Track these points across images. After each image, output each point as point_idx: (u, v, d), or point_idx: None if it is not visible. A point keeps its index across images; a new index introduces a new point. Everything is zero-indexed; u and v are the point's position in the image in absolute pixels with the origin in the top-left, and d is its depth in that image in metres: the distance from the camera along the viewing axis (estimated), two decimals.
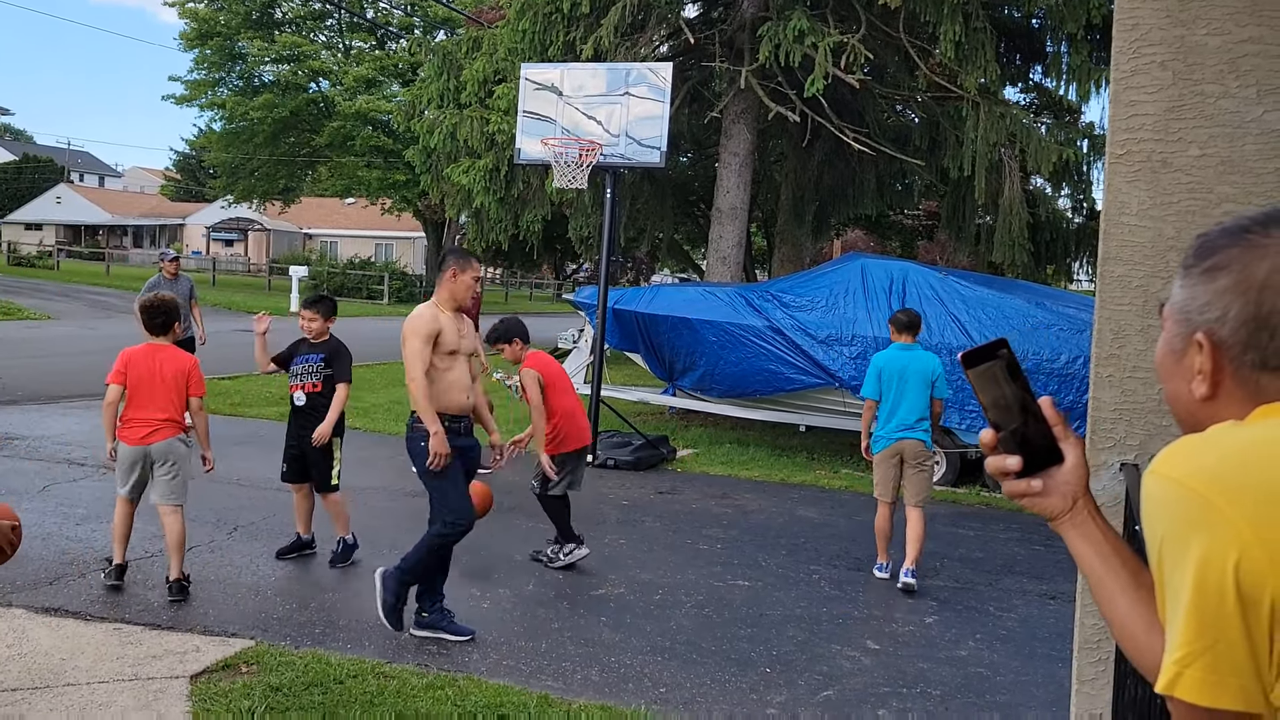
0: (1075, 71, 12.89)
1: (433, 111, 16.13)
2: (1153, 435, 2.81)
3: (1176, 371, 1.21)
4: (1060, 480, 1.28)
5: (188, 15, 38.79)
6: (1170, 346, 1.22)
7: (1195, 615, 0.98)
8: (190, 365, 5.67)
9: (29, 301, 25.73)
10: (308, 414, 6.25)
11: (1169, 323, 1.23)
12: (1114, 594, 1.22)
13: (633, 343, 11.96)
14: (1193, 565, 0.99)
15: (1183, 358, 1.19)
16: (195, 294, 11.09)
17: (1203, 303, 1.16)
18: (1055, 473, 1.28)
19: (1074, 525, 1.27)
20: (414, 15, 39.29)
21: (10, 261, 42.03)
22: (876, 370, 6.61)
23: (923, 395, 6.51)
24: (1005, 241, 12.98)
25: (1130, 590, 1.22)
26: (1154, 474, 1.08)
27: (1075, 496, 1.27)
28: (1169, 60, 2.64)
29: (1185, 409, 1.21)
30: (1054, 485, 1.28)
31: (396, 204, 40.90)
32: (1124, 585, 1.22)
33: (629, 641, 5.29)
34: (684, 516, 8.20)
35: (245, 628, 5.16)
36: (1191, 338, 1.17)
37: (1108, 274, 2.82)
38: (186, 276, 11.26)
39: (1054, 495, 1.28)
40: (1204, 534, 0.99)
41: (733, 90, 13.34)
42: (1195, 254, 1.19)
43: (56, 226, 63.14)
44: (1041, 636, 5.76)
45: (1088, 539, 1.26)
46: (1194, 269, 1.18)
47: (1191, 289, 1.18)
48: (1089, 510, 1.27)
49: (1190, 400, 1.19)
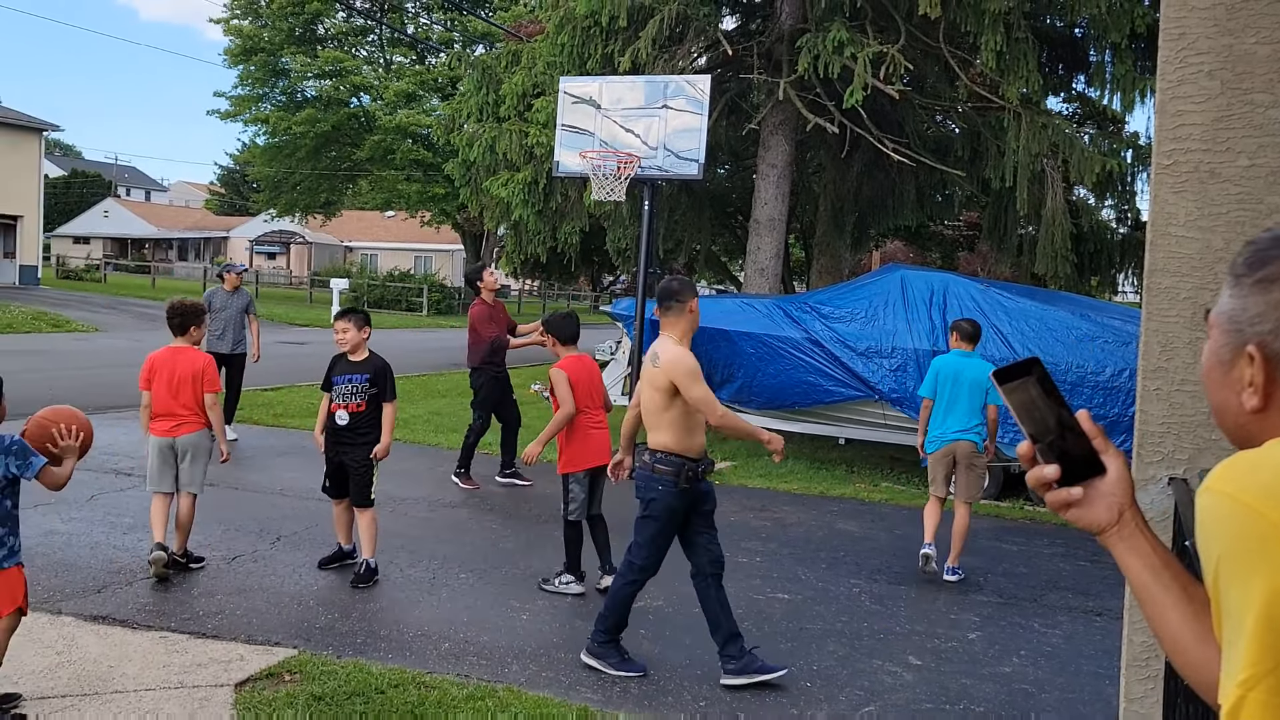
0: (1119, 81, 12.76)
1: (472, 125, 16.25)
2: (1202, 449, 2.77)
3: (1224, 382, 1.19)
4: (1104, 492, 1.26)
5: (233, 32, 39.46)
6: (1218, 357, 1.20)
7: (1259, 636, 0.96)
8: (203, 365, 6.18)
9: (77, 314, 26.17)
10: (349, 433, 6.21)
11: (1216, 331, 1.20)
12: (1165, 609, 1.20)
13: None
14: (1255, 585, 0.97)
15: (1231, 369, 1.17)
16: (253, 308, 10.92)
17: (1255, 314, 1.14)
18: (1098, 484, 1.26)
19: (1122, 538, 1.25)
20: (453, 30, 39.68)
21: (59, 275, 42.79)
22: (935, 372, 7.06)
23: (976, 400, 6.91)
24: (1048, 253, 12.85)
25: (1181, 605, 1.19)
26: (1210, 490, 1.06)
27: (1121, 509, 1.25)
28: (1217, 69, 2.61)
29: (1234, 420, 1.19)
30: (1098, 497, 1.26)
31: (436, 217, 41.29)
32: (1175, 600, 1.20)
33: (668, 654, 5.28)
34: (722, 529, 8.09)
35: (288, 637, 5.20)
36: (1242, 349, 1.15)
37: (1155, 285, 2.78)
38: (245, 291, 11.21)
39: (1098, 507, 1.26)
40: (1265, 552, 0.97)
41: (771, 102, 13.33)
42: (1247, 263, 1.17)
43: (104, 240, 64.25)
44: (1087, 653, 5.68)
45: (1136, 552, 1.24)
46: (1245, 279, 1.16)
47: (1243, 299, 1.16)
48: (1137, 523, 1.25)
49: (1239, 412, 1.16)
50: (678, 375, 4.79)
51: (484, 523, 7.95)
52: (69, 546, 6.59)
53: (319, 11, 38.69)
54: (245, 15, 39.87)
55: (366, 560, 6.21)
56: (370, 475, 6.26)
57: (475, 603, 5.91)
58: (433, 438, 11.59)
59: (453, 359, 22.12)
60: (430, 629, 5.44)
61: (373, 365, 6.29)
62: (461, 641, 5.29)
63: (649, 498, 4.98)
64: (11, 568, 4.05)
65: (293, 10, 37.93)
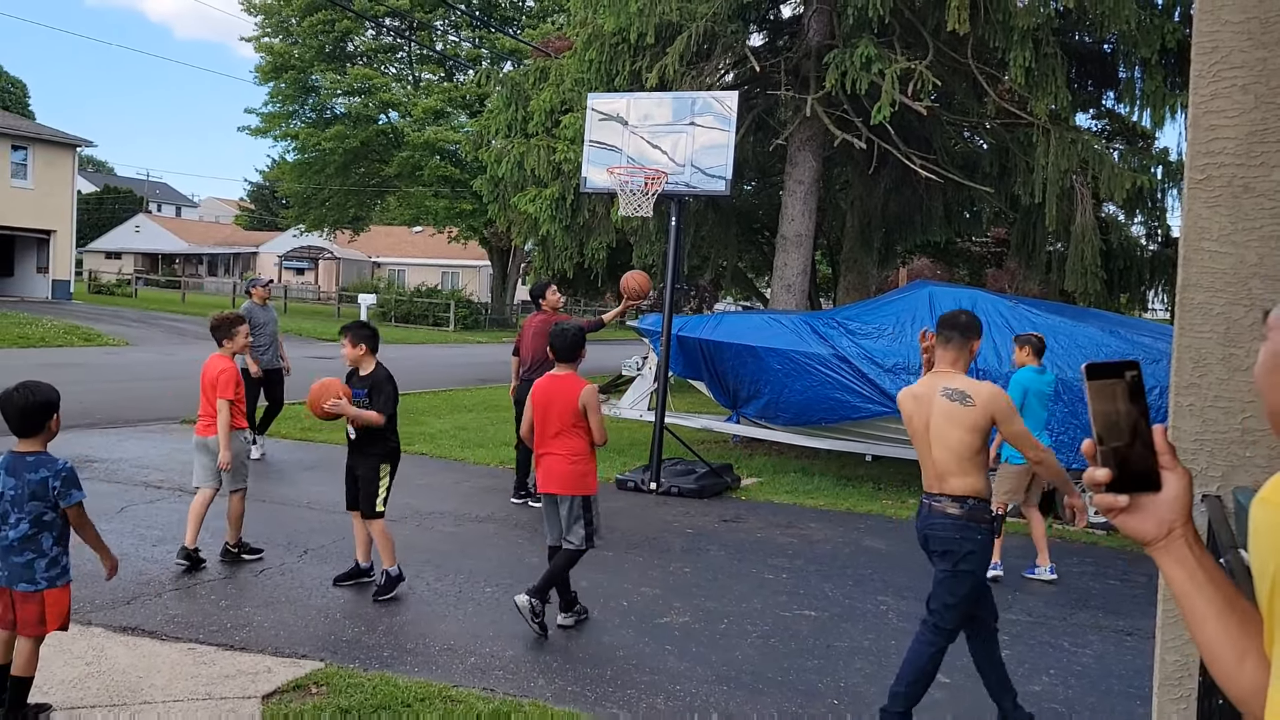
0: (1149, 97, 12.68)
1: (500, 141, 16.34)
2: (1235, 466, 2.74)
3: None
4: (1158, 506, 1.25)
5: (264, 50, 39.92)
6: (1277, 360, 1.18)
7: None
8: (218, 371, 6.65)
9: (108, 328, 26.47)
10: (356, 445, 6.26)
11: (1275, 333, 1.19)
12: (1205, 618, 1.19)
13: (696, 370, 11.95)
14: None
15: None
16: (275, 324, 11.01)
17: None
18: (1153, 499, 1.25)
19: (1168, 552, 1.24)
20: (482, 47, 39.96)
21: (91, 289, 43.31)
22: (1024, 389, 7.31)
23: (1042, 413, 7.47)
24: (1077, 269, 12.76)
25: (1223, 615, 1.18)
26: (1265, 502, 1.04)
27: (1172, 526, 1.24)
28: (1251, 83, 2.60)
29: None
30: (1149, 511, 1.25)
31: (463, 232, 41.52)
32: (1217, 610, 1.19)
33: (694, 670, 5.26)
34: (749, 545, 8.15)
35: (315, 649, 5.22)
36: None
37: (1187, 301, 2.76)
38: (272, 306, 11.28)
39: (1148, 521, 1.25)
40: None
41: (798, 118, 13.33)
42: None
43: (135, 255, 64.99)
44: (1118, 673, 5.61)
45: (1181, 564, 1.23)
46: None
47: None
48: (1187, 539, 1.24)
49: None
50: (1000, 410, 4.49)
51: (510, 538, 7.96)
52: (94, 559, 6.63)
53: (349, 29, 39.08)
54: (276, 33, 40.32)
55: (386, 570, 6.19)
56: (376, 486, 6.18)
57: (501, 617, 5.91)
58: (459, 452, 11.62)
59: (479, 374, 22.21)
60: (456, 643, 5.45)
61: (372, 379, 6.24)
62: (487, 655, 5.29)
63: (966, 550, 4.54)
64: (64, 585, 4.12)
65: (323, 28, 38.34)
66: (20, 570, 4.02)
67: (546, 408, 5.72)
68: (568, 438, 5.70)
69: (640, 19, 13.09)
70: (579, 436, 5.71)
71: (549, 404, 5.71)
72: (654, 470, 10.11)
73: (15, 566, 4.01)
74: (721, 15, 13.06)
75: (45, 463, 4.02)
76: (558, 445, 5.71)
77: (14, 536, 4.00)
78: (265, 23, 40.22)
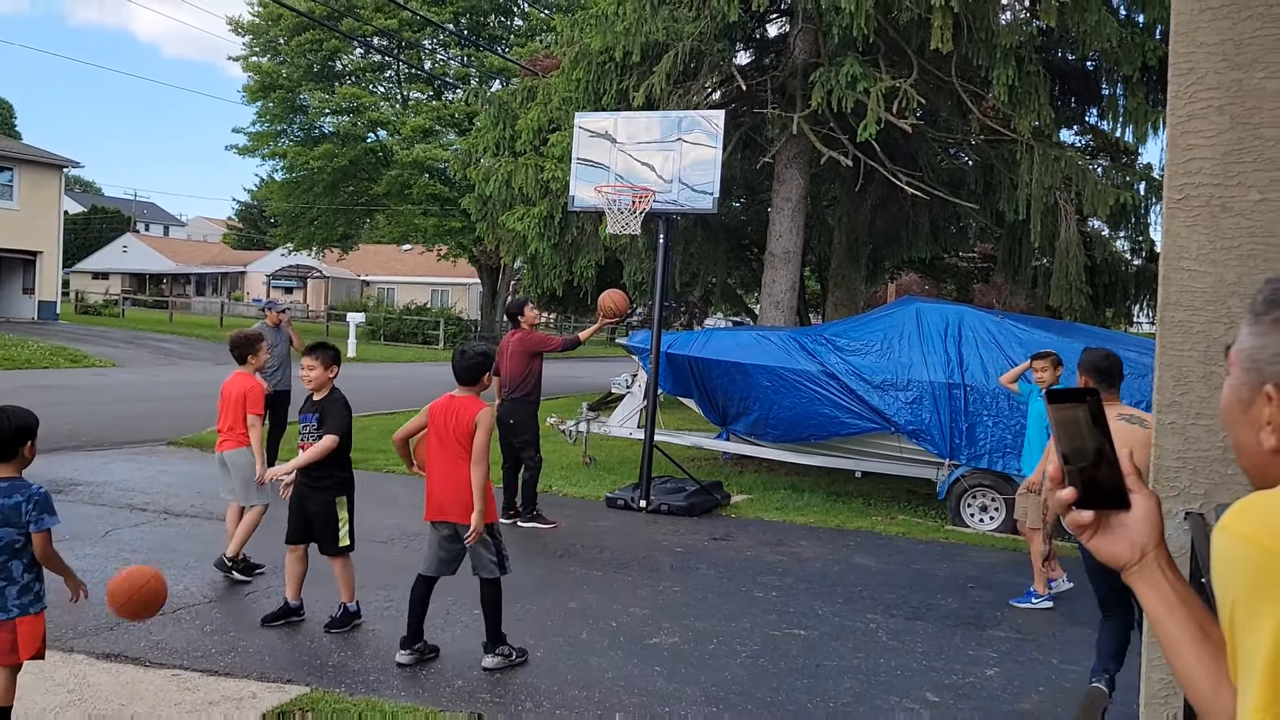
0: (1131, 114, 12.78)
1: (488, 160, 16.36)
2: (1218, 484, 2.75)
3: (1243, 420, 1.18)
4: (1129, 528, 1.26)
5: (252, 69, 39.96)
6: (1237, 395, 1.19)
7: (1273, 679, 0.95)
8: (245, 388, 6.86)
9: (95, 349, 26.36)
10: (306, 476, 5.89)
11: (1236, 369, 1.20)
12: (1180, 645, 1.19)
13: (686, 387, 11.95)
14: (1269, 628, 0.96)
15: (1250, 407, 1.17)
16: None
17: (1273, 352, 1.13)
18: (1123, 519, 1.26)
19: (1142, 576, 1.25)
20: (470, 66, 40.07)
21: (78, 310, 43.16)
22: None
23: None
24: (1062, 285, 12.81)
25: (1197, 642, 1.18)
26: (1226, 531, 1.05)
27: (1144, 549, 1.25)
28: (1226, 104, 2.61)
29: (1252, 459, 1.18)
30: (1120, 533, 1.26)
31: (452, 251, 41.54)
32: (1191, 636, 1.19)
33: (683, 691, 5.24)
34: (738, 563, 8.13)
35: (301, 674, 5.19)
36: (1261, 388, 1.15)
37: (1168, 319, 2.77)
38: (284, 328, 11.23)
39: (1120, 543, 1.26)
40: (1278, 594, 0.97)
41: (785, 136, 13.39)
42: (1266, 301, 1.16)
43: (122, 275, 64.85)
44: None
45: (1156, 590, 1.23)
46: (1265, 316, 1.16)
47: (1262, 337, 1.15)
48: (1160, 563, 1.24)
49: (1258, 451, 1.16)
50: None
51: None
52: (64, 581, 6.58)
53: (337, 49, 39.15)
54: (264, 53, 40.38)
55: (345, 604, 5.93)
56: (335, 522, 5.85)
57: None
58: None
59: None
60: (444, 666, 5.42)
61: (324, 403, 5.94)
62: (475, 679, 5.26)
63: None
64: (37, 613, 4.07)
65: (311, 48, 38.40)
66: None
67: (442, 431, 5.40)
68: (465, 463, 5.34)
69: (627, 38, 13.14)
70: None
71: (445, 428, 5.39)
72: (643, 488, 10.09)
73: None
74: (708, 34, 13.11)
75: (19, 488, 3.98)
76: (456, 470, 5.36)
77: None
78: (253, 42, 40.28)
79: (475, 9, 39.14)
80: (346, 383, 6.77)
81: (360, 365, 27.89)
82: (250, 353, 7.04)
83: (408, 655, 5.40)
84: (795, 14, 13.90)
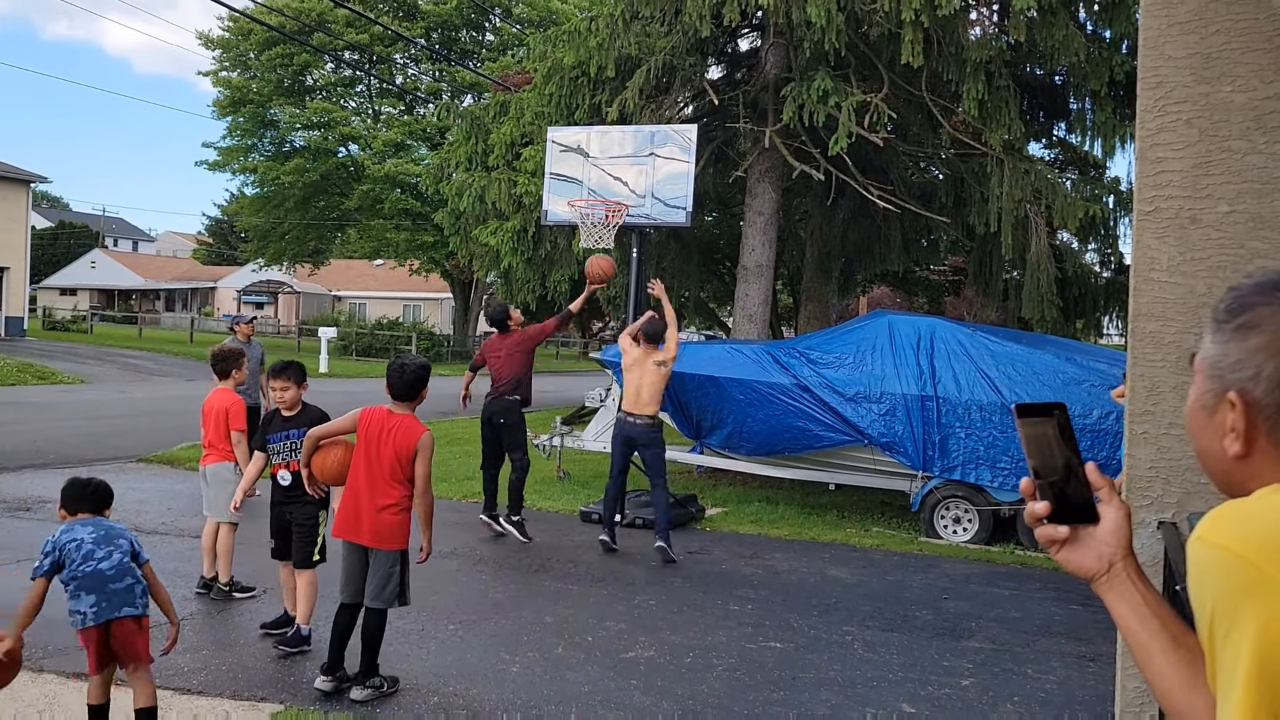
0: (1099, 127, 12.95)
1: (461, 174, 16.36)
2: (1190, 493, 2.77)
3: (1208, 427, 1.20)
4: (1097, 540, 1.26)
5: (222, 84, 39.77)
6: (1201, 402, 1.21)
7: (1253, 688, 0.96)
8: (227, 404, 6.85)
9: (63, 365, 26.07)
10: (293, 491, 5.83)
11: (1199, 377, 1.21)
12: (1152, 655, 1.20)
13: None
14: (1248, 636, 0.97)
15: (1214, 414, 1.18)
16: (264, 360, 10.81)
17: (1234, 360, 1.15)
18: (1092, 531, 1.27)
19: (1111, 587, 1.26)
20: (442, 81, 40.05)
21: (45, 326, 42.68)
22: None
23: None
24: (1033, 297, 12.94)
25: (1169, 651, 1.19)
26: (1201, 540, 1.06)
27: (1112, 560, 1.26)
28: (1195, 117, 2.65)
29: (1218, 465, 1.19)
30: (1089, 545, 1.27)
31: (424, 265, 41.44)
32: (1163, 646, 1.20)
33: (660, 705, 5.22)
34: (714, 576, 8.13)
35: (274, 692, 5.14)
36: (1223, 395, 1.16)
37: (1140, 330, 2.80)
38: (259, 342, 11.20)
39: (1088, 555, 1.27)
40: (1258, 603, 0.97)
41: (757, 150, 13.46)
42: (1228, 309, 1.18)
43: (90, 291, 64.24)
44: (1081, 699, 5.64)
45: (1126, 600, 1.24)
46: (1226, 325, 1.17)
47: (1223, 345, 1.17)
48: (1129, 573, 1.25)
49: (1223, 457, 1.17)
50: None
51: (474, 573, 7.90)
52: (51, 602, 6.48)
53: (308, 63, 39.02)
54: (234, 67, 40.20)
55: (299, 627, 5.80)
56: (314, 535, 5.83)
57: (465, 655, 5.85)
58: (439, 489, 11.48)
59: (440, 407, 22.05)
60: (419, 682, 5.38)
61: (308, 417, 5.85)
62: (450, 695, 5.22)
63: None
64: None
65: (281, 62, 38.25)
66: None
67: (374, 449, 5.17)
68: (392, 485, 5.14)
69: (600, 53, 13.19)
70: (404, 485, 5.17)
71: (379, 445, 5.16)
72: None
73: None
74: (680, 49, 13.18)
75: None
76: (379, 491, 5.13)
77: None
78: (223, 57, 40.10)
79: (447, 24, 39.17)
80: (320, 399, 6.74)
81: (333, 380, 27.71)
82: (234, 367, 6.98)
83: (365, 691, 5.08)
84: (767, 29, 13.99)
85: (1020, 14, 11.28)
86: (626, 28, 13.30)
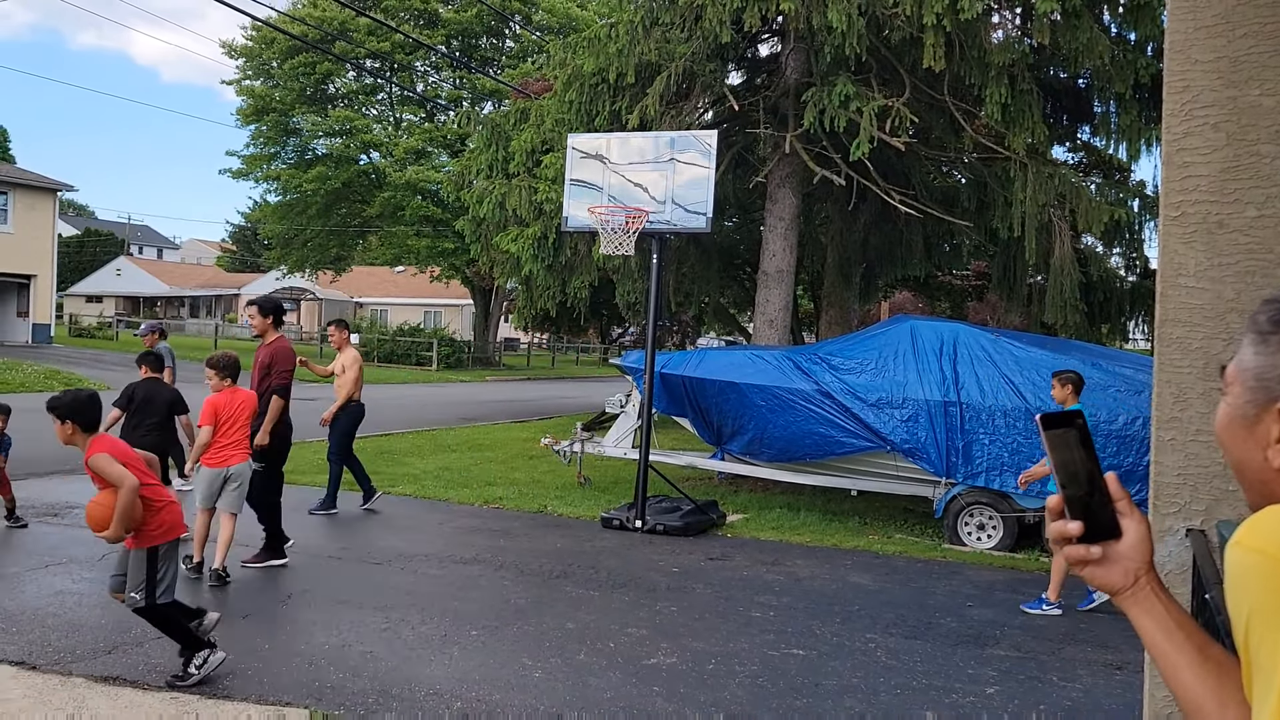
0: (1125, 131, 12.85)
1: (481, 181, 16.40)
2: (1218, 500, 2.75)
3: (1247, 439, 1.18)
4: (1121, 555, 1.25)
5: (245, 93, 40.08)
6: (1240, 413, 1.19)
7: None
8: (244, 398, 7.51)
9: (89, 371, 26.29)
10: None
11: (1237, 388, 1.20)
12: (1179, 668, 1.19)
13: (680, 407, 11.94)
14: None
15: (1256, 425, 1.16)
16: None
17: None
18: (1116, 546, 1.25)
19: (1135, 601, 1.24)
20: (462, 88, 40.23)
21: (72, 333, 43.08)
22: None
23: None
24: (1057, 302, 12.85)
25: (1197, 665, 1.18)
26: (1239, 545, 1.05)
27: (1137, 573, 1.24)
28: (1222, 122, 2.63)
29: (1257, 477, 1.18)
30: (1114, 560, 1.25)
31: (445, 272, 41.61)
32: (1190, 659, 1.18)
33: (683, 712, 5.21)
34: (735, 583, 8.11)
35: (300, 696, 5.16)
36: (1270, 406, 1.14)
37: (1166, 336, 2.78)
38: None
39: (1114, 571, 1.25)
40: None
41: (777, 155, 13.44)
42: (1272, 320, 1.16)
43: (116, 298, 64.76)
44: (1108, 708, 5.59)
45: (1150, 614, 1.23)
46: (1273, 336, 1.15)
47: (1271, 356, 1.15)
48: (1152, 587, 1.24)
49: (1264, 469, 1.16)
50: None
51: (496, 579, 7.90)
52: (79, 606, 6.57)
53: (330, 72, 39.29)
54: (257, 76, 40.52)
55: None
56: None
57: (487, 660, 5.86)
58: (443, 492, 11.56)
59: (462, 413, 22.14)
60: (442, 687, 5.39)
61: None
62: (474, 700, 5.23)
63: None
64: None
65: (304, 71, 38.54)
66: None
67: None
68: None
69: (620, 59, 13.20)
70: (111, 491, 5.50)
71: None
72: (639, 508, 10.07)
73: None
74: (700, 55, 13.18)
75: None
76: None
77: None
78: (246, 65, 40.42)
79: (467, 31, 39.35)
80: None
81: None
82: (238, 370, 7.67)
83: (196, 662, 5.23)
84: (787, 34, 13.97)
85: (1043, 17, 11.22)
86: (646, 34, 13.31)
